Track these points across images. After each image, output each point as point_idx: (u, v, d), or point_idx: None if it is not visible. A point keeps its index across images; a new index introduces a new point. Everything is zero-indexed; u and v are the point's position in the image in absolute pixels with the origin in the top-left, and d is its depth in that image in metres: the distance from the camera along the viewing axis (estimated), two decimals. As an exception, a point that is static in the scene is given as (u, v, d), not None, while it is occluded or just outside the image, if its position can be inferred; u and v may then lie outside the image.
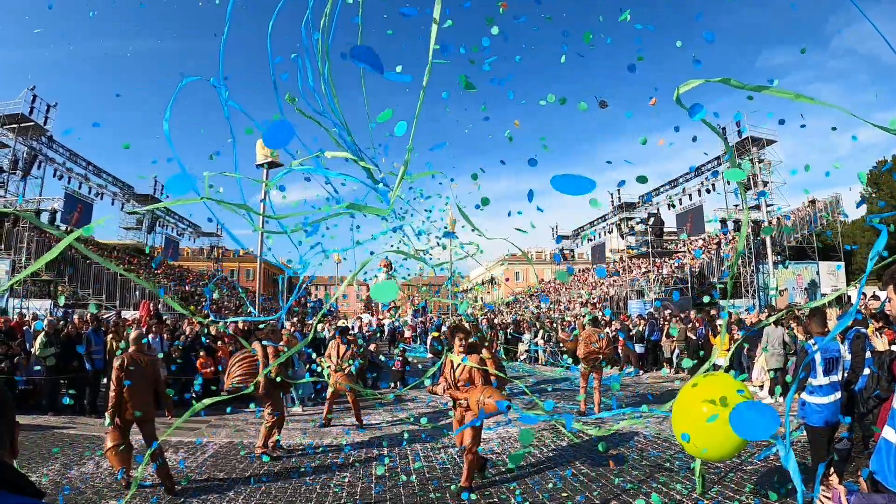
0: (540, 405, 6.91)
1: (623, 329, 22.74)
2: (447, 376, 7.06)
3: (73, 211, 39.18)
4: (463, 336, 7.02)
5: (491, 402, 6.29)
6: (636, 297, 35.73)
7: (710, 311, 18.56)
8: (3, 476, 1.41)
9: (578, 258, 66.11)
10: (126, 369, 7.03)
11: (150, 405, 7.18)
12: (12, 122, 34.63)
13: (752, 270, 32.82)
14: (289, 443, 9.53)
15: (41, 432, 10.39)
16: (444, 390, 7.09)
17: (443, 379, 7.18)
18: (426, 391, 7.67)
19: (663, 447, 8.80)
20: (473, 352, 6.98)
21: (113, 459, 6.96)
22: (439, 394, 7.22)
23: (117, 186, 45.68)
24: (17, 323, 15.54)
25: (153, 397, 7.31)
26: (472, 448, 6.63)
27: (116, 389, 6.98)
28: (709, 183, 38.98)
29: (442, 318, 35.46)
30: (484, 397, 6.40)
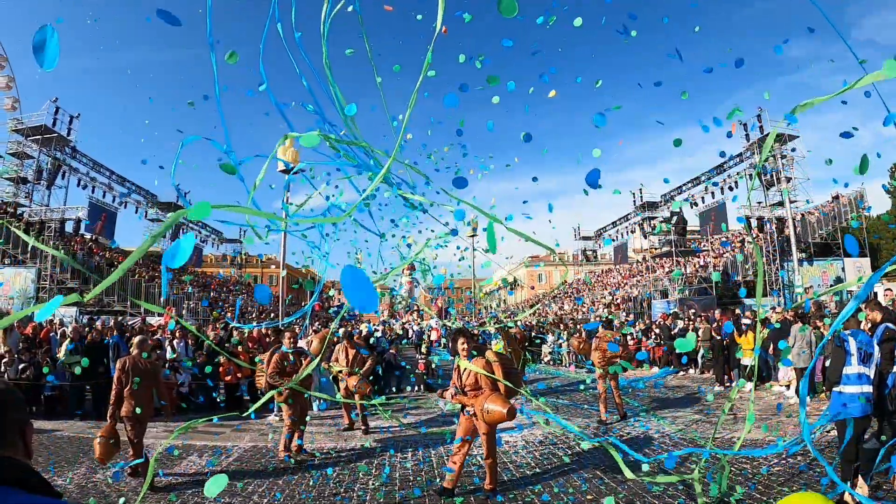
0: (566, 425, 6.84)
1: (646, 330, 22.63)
2: (455, 382, 7.00)
3: (98, 219, 39.71)
4: (466, 339, 6.95)
5: (495, 409, 6.25)
6: (660, 297, 35.44)
7: (735, 310, 18.36)
8: (15, 475, 1.42)
9: (601, 258, 65.76)
10: (127, 371, 7.55)
11: (147, 406, 7.59)
12: (36, 134, 35.23)
13: (776, 268, 32.42)
14: (312, 446, 9.53)
15: (67, 437, 10.48)
16: (451, 396, 7.02)
17: (452, 384, 7.12)
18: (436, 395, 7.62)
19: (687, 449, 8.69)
20: (479, 355, 6.90)
21: (99, 448, 7.26)
22: (448, 399, 7.15)
23: (140, 195, 46.26)
24: (46, 330, 15.67)
25: (151, 399, 7.77)
26: (489, 454, 6.61)
27: (117, 388, 7.50)
28: (731, 180, 38.63)
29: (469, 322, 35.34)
30: (488, 405, 6.36)
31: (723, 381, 15.90)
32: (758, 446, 8.46)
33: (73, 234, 37.14)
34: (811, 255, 33.17)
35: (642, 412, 12.01)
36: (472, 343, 7.03)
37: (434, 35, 4.65)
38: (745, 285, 32.59)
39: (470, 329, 20.17)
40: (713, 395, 13.44)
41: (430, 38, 4.69)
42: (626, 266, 53.58)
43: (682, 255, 40.96)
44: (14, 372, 12.45)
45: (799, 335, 13.18)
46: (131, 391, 7.49)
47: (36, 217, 34.95)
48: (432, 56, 4.65)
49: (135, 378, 7.52)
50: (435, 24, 4.41)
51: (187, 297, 37.07)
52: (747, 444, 8.71)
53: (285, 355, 9.14)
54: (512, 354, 14.31)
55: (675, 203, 43.74)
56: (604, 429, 10.41)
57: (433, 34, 4.61)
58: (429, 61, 4.75)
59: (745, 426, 6.19)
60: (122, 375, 7.55)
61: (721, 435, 9.34)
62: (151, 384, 7.81)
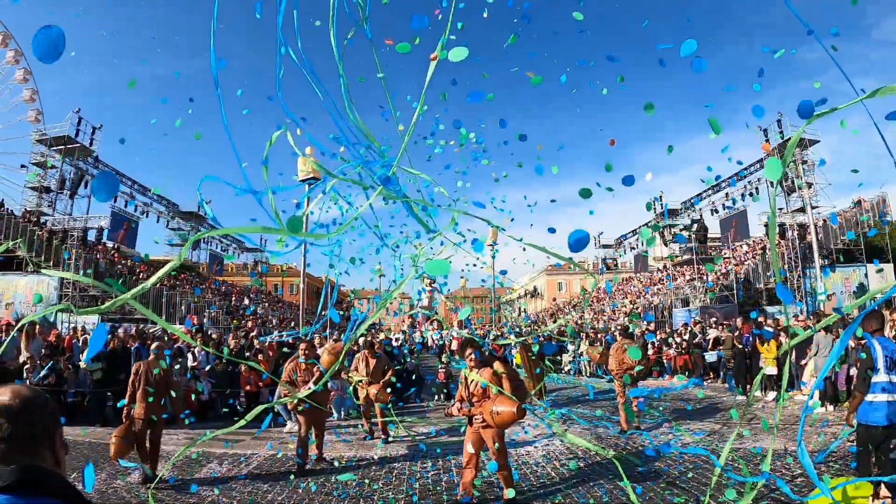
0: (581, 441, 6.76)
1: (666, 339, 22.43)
2: (462, 393, 6.91)
3: (120, 228, 40.12)
4: (473, 350, 6.86)
5: (505, 409, 6.19)
6: (681, 305, 35.20)
7: (758, 318, 18.16)
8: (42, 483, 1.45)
9: (622, 267, 65.41)
10: (139, 374, 8.14)
11: (158, 410, 8.09)
12: (59, 144, 35.80)
13: (798, 275, 32.02)
14: (332, 455, 9.52)
15: (88, 443, 10.54)
16: (458, 410, 6.93)
17: (458, 397, 7.03)
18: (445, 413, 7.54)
19: (709, 461, 8.60)
20: (486, 366, 6.81)
21: (113, 446, 7.74)
22: (455, 415, 7.04)
23: (162, 204, 46.82)
24: (69, 338, 15.81)
25: (160, 406, 8.16)
26: (503, 465, 6.52)
27: (130, 390, 8.12)
28: (752, 187, 38.30)
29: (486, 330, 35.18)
30: (496, 407, 6.28)
31: (745, 390, 15.70)
32: (779, 457, 8.36)
33: (95, 242, 37.55)
34: (833, 262, 32.70)
35: (664, 422, 11.91)
36: (480, 354, 6.94)
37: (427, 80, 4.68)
38: (767, 292, 32.30)
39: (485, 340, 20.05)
40: (736, 410, 13.29)
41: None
42: (647, 274, 53.28)
43: (702, 263, 40.62)
44: (36, 378, 12.56)
45: (822, 344, 13.02)
46: (144, 395, 8.00)
47: (59, 226, 35.39)
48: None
49: (146, 385, 8.05)
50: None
51: (208, 305, 37.33)
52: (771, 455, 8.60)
53: (298, 365, 9.20)
54: (530, 366, 14.24)
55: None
56: (624, 438, 10.31)
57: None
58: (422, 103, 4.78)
59: (766, 437, 6.10)
60: (134, 379, 8.15)
61: (743, 446, 9.23)
62: (162, 391, 8.20)
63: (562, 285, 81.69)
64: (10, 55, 45.48)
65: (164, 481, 7.79)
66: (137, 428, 8.04)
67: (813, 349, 13.37)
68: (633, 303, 43.72)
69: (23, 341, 13.19)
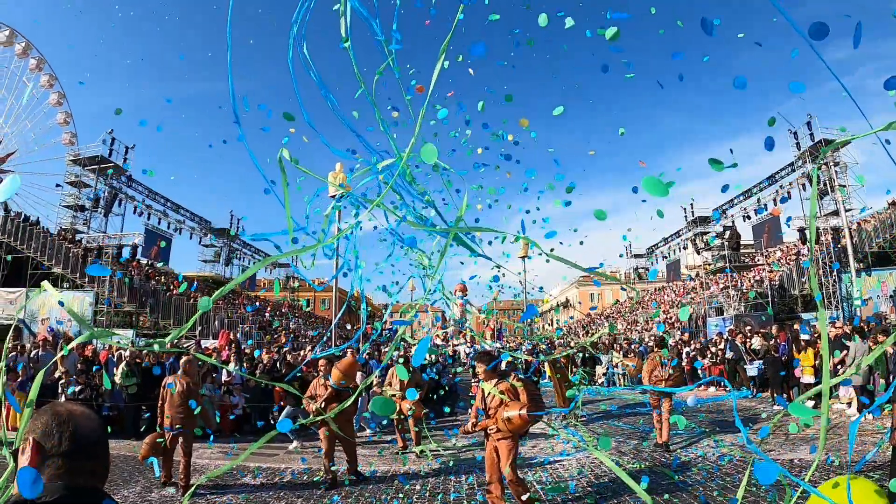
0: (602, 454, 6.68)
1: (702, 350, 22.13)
2: (478, 405, 6.81)
3: (153, 245, 40.71)
4: (483, 363, 6.75)
5: (513, 414, 6.10)
6: (715, 314, 34.73)
7: (794, 326, 17.88)
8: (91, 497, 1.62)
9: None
10: (165, 388, 8.60)
11: (183, 421, 8.41)
12: (93, 164, 36.57)
13: (833, 280, 31.28)
14: (366, 469, 9.51)
15: (123, 457, 10.65)
16: (473, 426, 6.82)
17: (473, 412, 6.94)
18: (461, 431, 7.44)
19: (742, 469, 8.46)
20: (503, 379, 6.68)
21: (143, 450, 8.46)
22: (470, 431, 6.95)
23: (195, 221, 47.58)
24: (105, 353, 16.03)
25: (186, 416, 8.44)
26: (512, 478, 6.35)
27: (160, 403, 8.65)
28: (784, 191, 37.77)
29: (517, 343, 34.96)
30: (506, 413, 6.18)
31: (782, 400, 15.40)
32: (818, 468, 8.20)
33: (130, 259, 38.13)
34: (869, 265, 31.92)
35: (700, 434, 11.75)
36: (493, 367, 6.81)
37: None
38: (802, 299, 31.75)
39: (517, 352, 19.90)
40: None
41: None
42: (679, 283, 52.71)
43: (736, 271, 40.06)
44: (70, 393, 12.75)
45: (858, 351, 12.75)
46: (169, 406, 8.45)
47: (94, 243, 36.01)
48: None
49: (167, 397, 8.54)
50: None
51: (242, 320, 37.64)
52: (805, 464, 8.44)
53: (318, 382, 9.26)
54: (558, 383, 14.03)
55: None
56: (660, 452, 10.14)
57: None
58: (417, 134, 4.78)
59: (807, 447, 5.97)
60: (161, 392, 8.69)
61: (780, 457, 9.08)
62: (185, 402, 8.45)
63: (594, 296, 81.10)
64: (45, 79, 46.56)
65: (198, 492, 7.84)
66: (170, 439, 8.40)
67: (850, 357, 13.11)
68: (667, 312, 43.25)
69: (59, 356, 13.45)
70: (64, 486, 1.51)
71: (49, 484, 1.51)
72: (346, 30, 5.14)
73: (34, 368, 13.61)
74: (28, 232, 35.13)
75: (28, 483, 1.45)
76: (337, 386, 8.80)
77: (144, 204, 41.28)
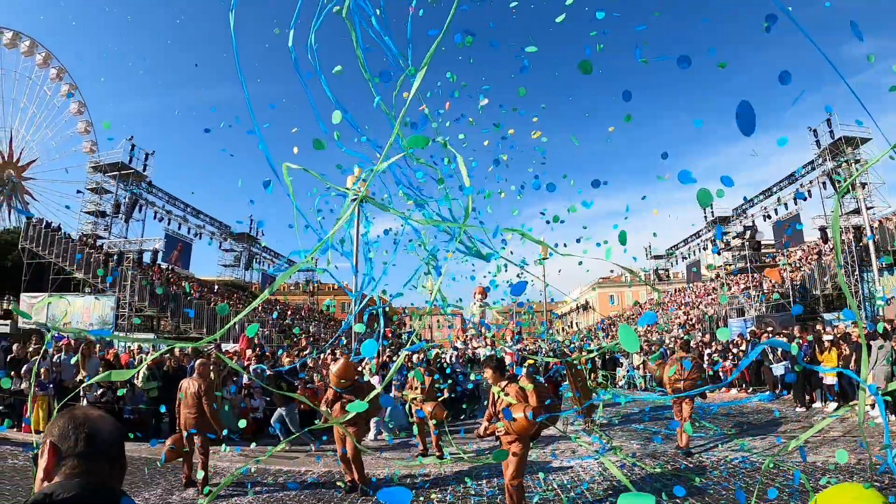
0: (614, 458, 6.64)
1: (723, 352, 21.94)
2: (490, 410, 6.74)
3: (173, 250, 41.10)
4: (494, 367, 6.70)
5: (518, 415, 6.00)
6: (736, 315, 34.43)
7: (816, 326, 17.68)
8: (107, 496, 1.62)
9: (674, 277, 64.37)
10: (182, 390, 8.84)
11: (197, 422, 8.58)
12: (113, 170, 37.00)
13: (855, 279, 30.85)
14: (386, 472, 9.51)
15: (143, 459, 10.72)
16: (484, 430, 6.76)
17: (486, 416, 6.86)
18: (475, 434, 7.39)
19: (772, 474, 8.37)
20: (511, 381, 6.59)
21: (165, 452, 8.57)
22: (482, 434, 6.88)
23: (214, 226, 47.90)
24: (126, 357, 16.20)
25: (199, 417, 8.61)
26: (513, 477, 6.30)
27: (176, 405, 8.94)
28: (804, 190, 37.42)
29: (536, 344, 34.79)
30: (513, 414, 6.09)
31: (804, 402, 15.22)
32: (842, 470, 8.11)
33: (150, 264, 38.50)
34: (893, 264, 31.41)
35: (721, 436, 11.64)
36: (500, 371, 6.74)
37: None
38: (824, 299, 31.39)
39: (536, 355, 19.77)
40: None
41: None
42: (700, 284, 52.28)
43: (757, 271, 39.70)
44: (92, 397, 12.85)
45: (879, 352, 12.57)
46: (181, 408, 8.75)
47: (115, 248, 36.40)
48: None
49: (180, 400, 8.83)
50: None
51: (263, 324, 37.83)
52: (827, 466, 8.35)
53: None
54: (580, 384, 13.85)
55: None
56: (683, 454, 10.03)
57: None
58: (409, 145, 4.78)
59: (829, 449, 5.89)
60: (177, 395, 8.95)
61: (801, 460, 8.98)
62: (195, 404, 8.64)
63: (613, 298, 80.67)
64: (65, 88, 47.27)
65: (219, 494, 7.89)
66: (186, 440, 8.60)
67: (872, 359, 12.92)
68: (687, 314, 42.96)
69: (80, 360, 13.60)
70: (79, 484, 1.55)
71: (65, 482, 1.56)
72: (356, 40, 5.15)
73: (56, 372, 13.75)
74: (49, 238, 35.56)
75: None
76: (339, 389, 8.73)
77: (164, 209, 41.72)
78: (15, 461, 10.01)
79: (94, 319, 30.80)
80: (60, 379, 13.75)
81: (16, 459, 10.13)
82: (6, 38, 44.06)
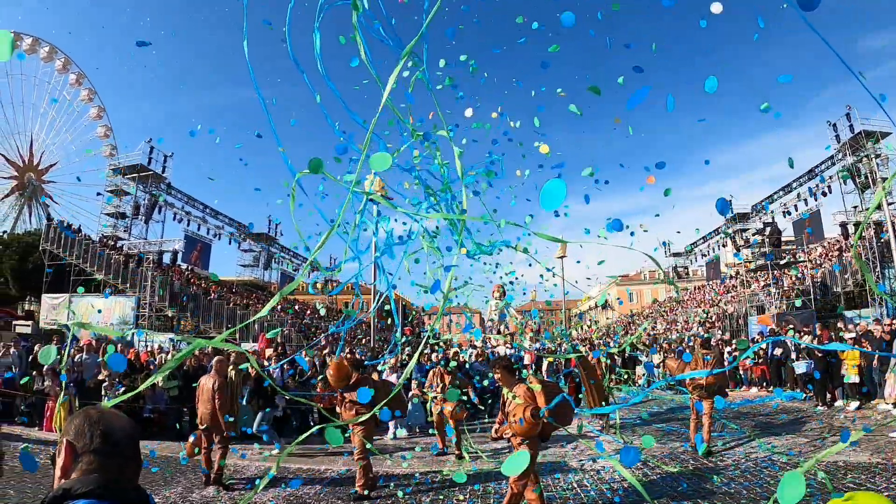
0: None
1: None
2: (501, 413, 6.60)
3: (193, 250, 41.45)
4: (502, 368, 6.56)
5: (517, 423, 5.93)
6: (756, 312, 34.10)
7: (837, 324, 17.47)
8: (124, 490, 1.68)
9: (693, 275, 63.88)
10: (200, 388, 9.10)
11: (210, 418, 8.78)
12: (133, 172, 37.39)
13: (877, 275, 30.20)
14: (405, 471, 9.51)
15: (164, 457, 10.80)
16: (495, 432, 6.71)
17: (499, 418, 6.73)
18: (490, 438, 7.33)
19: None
20: (520, 382, 6.47)
21: (188, 445, 8.90)
22: (495, 438, 6.81)
23: (233, 227, 48.18)
24: (145, 356, 16.36)
25: (215, 413, 8.78)
26: (518, 479, 6.11)
27: (195, 401, 9.23)
28: (824, 185, 37.03)
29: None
30: (513, 416, 6.03)
31: (826, 400, 15.03)
32: (864, 470, 8.02)
33: (170, 265, 38.86)
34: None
35: (742, 435, 11.54)
36: (509, 372, 6.65)
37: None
38: (845, 296, 30.96)
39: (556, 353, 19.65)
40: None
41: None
42: (720, 281, 51.87)
43: (777, 268, 39.27)
44: (114, 396, 12.96)
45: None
46: (202, 404, 8.91)
47: (135, 249, 36.76)
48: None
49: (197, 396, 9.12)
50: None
51: (281, 323, 37.98)
52: (850, 466, 8.26)
53: None
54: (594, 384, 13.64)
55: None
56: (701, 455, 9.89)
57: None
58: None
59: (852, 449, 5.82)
60: (196, 390, 9.28)
61: (824, 459, 8.87)
62: (209, 400, 8.82)
63: (633, 296, 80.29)
64: (85, 94, 47.77)
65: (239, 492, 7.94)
66: (205, 436, 8.87)
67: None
68: (707, 311, 42.64)
69: (102, 360, 13.80)
70: (96, 479, 1.61)
71: (82, 478, 1.62)
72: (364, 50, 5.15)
73: (78, 372, 13.92)
74: (70, 239, 35.89)
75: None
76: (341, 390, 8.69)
77: (184, 210, 42.07)
78: (37, 460, 10.10)
79: (114, 320, 31.11)
80: (82, 378, 13.91)
81: (38, 458, 10.22)
82: (26, 44, 44.55)
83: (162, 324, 33.89)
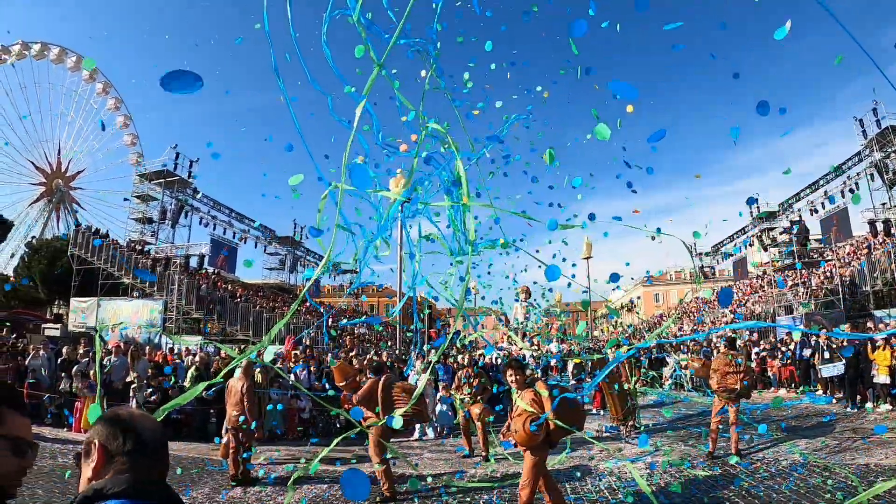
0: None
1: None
2: (510, 416, 6.46)
3: (219, 254, 41.86)
4: (514, 371, 6.42)
5: (519, 429, 5.86)
6: (784, 312, 33.65)
7: (867, 324, 17.22)
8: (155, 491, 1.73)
9: (719, 275, 63.30)
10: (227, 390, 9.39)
11: (237, 418, 8.99)
12: (159, 178, 37.90)
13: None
14: (432, 471, 9.51)
15: (192, 458, 10.90)
16: (503, 436, 6.63)
17: (506, 424, 6.61)
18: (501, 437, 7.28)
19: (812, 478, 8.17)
20: (529, 387, 6.36)
21: (223, 447, 9.41)
22: (504, 438, 6.70)
23: (259, 230, 48.59)
24: (169, 359, 16.54)
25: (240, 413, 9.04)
26: (522, 486, 6.07)
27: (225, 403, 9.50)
28: (851, 182, 36.51)
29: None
30: (513, 426, 5.98)
31: (855, 402, 14.77)
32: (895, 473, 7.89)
33: (197, 268, 39.26)
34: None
35: (769, 438, 11.39)
36: (522, 374, 6.56)
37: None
38: (875, 295, 30.41)
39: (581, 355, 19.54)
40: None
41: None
42: (747, 281, 51.30)
43: (805, 267, 38.69)
44: (142, 398, 13.11)
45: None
46: (230, 405, 9.20)
47: (162, 254, 37.20)
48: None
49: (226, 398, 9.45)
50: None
51: (306, 326, 38.17)
52: (881, 469, 8.13)
53: None
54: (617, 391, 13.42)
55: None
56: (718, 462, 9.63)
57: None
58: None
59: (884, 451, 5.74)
60: (225, 392, 9.55)
61: (855, 461, 8.75)
62: (236, 402, 9.11)
63: (659, 297, 79.75)
64: (112, 103, 48.50)
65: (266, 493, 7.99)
66: (233, 437, 9.04)
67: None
68: (734, 312, 42.18)
69: (130, 362, 14.01)
70: (128, 479, 1.66)
71: (114, 478, 1.66)
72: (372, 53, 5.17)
73: (105, 374, 14.09)
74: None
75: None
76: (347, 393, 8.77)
77: (210, 215, 42.54)
78: (65, 460, 10.25)
79: (141, 321, 31.49)
80: (110, 380, 14.07)
81: (66, 458, 10.36)
82: (53, 53, 45.37)
83: (189, 326, 34.19)
